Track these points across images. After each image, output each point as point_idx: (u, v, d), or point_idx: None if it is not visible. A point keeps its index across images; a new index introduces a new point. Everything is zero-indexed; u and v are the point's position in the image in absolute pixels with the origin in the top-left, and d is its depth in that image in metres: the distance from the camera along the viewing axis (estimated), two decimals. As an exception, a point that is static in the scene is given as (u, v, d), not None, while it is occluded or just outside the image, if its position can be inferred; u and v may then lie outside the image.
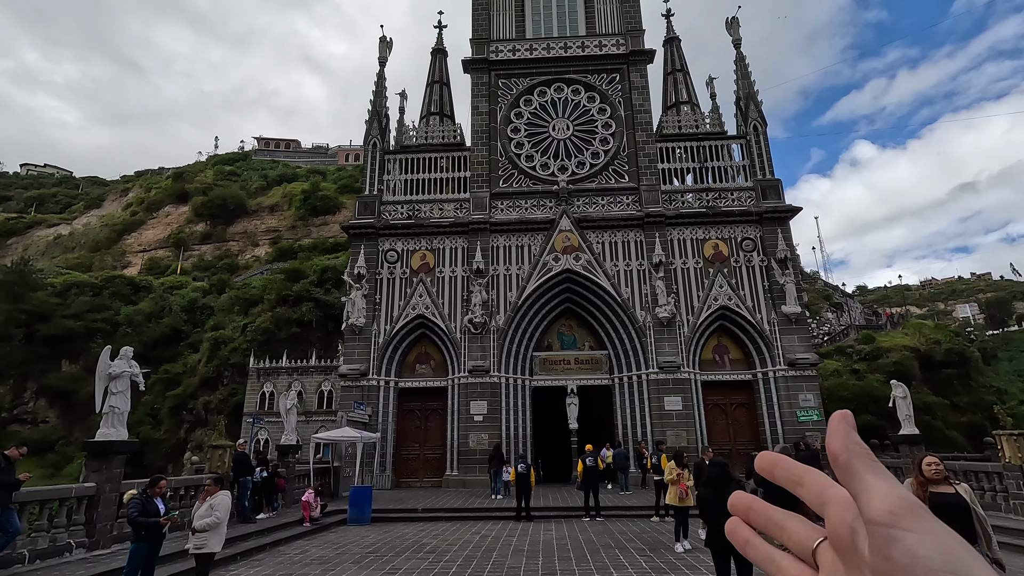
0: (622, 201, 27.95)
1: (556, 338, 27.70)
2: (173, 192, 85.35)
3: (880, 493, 0.49)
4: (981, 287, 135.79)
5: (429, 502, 19.35)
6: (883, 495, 0.49)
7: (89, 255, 76.78)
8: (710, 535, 5.79)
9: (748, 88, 28.72)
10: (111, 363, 11.64)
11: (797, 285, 25.76)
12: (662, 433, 24.17)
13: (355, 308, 26.55)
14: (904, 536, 0.46)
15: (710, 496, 5.70)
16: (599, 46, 30.42)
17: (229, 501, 8.94)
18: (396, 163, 29.56)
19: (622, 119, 29.17)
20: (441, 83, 33.63)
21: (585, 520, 16.26)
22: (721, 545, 5.67)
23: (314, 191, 77.23)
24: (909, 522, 0.47)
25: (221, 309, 55.83)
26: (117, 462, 11.72)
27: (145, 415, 46.04)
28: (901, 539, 0.46)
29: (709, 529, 5.82)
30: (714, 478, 5.66)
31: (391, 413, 26.06)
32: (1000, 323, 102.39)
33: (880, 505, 0.48)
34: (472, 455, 24.67)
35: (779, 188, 27.34)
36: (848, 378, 42.80)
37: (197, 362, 49.84)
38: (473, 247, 27.13)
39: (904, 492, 0.49)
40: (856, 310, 65.86)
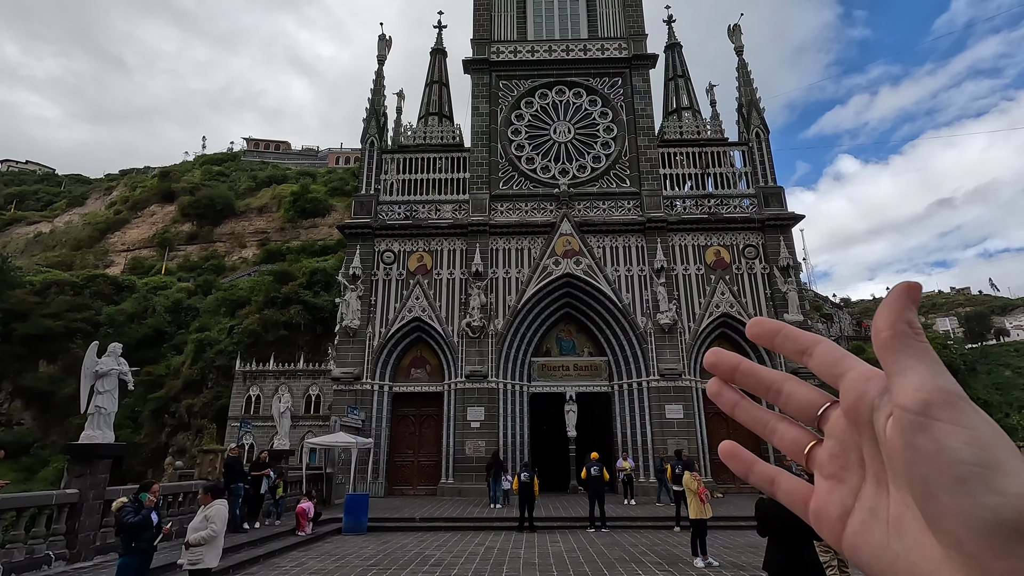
0: (623, 206, 27.62)
1: (555, 343, 27.18)
2: (159, 191, 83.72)
3: (917, 379, 0.45)
4: (961, 301, 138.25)
5: (426, 511, 18.66)
6: (920, 382, 0.44)
7: (70, 254, 74.89)
8: (776, 559, 5.20)
9: (751, 95, 28.63)
10: (98, 360, 10.89)
11: (799, 293, 25.57)
12: (663, 442, 23.73)
13: (349, 310, 25.83)
14: (933, 425, 0.43)
15: (779, 514, 5.13)
16: (601, 49, 30.19)
17: (226, 512, 8.25)
18: (393, 163, 28.97)
19: (624, 123, 28.90)
20: (440, 83, 33.17)
21: (591, 531, 15.69)
22: (785, 570, 5.12)
23: (304, 193, 76.17)
24: (944, 413, 0.43)
25: (207, 310, 54.59)
26: (102, 467, 10.95)
27: (125, 418, 44.56)
28: (930, 428, 0.43)
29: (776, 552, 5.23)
30: None
31: (385, 418, 25.31)
32: (979, 337, 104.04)
33: (914, 392, 0.44)
34: (468, 463, 23.99)
35: (781, 195, 27.21)
36: (840, 388, 42.89)
37: (181, 364, 48.58)
38: (472, 249, 26.59)
39: (946, 382, 0.44)
40: (845, 321, 66.31)
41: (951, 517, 0.41)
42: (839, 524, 0.50)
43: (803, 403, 0.55)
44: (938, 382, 0.45)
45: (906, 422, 0.44)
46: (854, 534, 0.49)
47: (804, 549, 5.20)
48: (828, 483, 0.52)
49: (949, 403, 0.44)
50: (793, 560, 5.13)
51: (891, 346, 0.47)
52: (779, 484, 0.57)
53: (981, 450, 0.41)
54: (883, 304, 0.49)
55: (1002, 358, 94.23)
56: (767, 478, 0.59)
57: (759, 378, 0.57)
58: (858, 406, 0.49)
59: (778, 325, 0.57)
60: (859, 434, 0.49)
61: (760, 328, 0.58)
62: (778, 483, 0.58)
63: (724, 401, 0.61)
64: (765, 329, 0.58)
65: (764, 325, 0.58)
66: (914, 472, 0.43)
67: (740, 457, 0.61)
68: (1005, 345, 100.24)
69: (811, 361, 0.53)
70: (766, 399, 0.58)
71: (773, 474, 0.59)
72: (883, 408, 0.47)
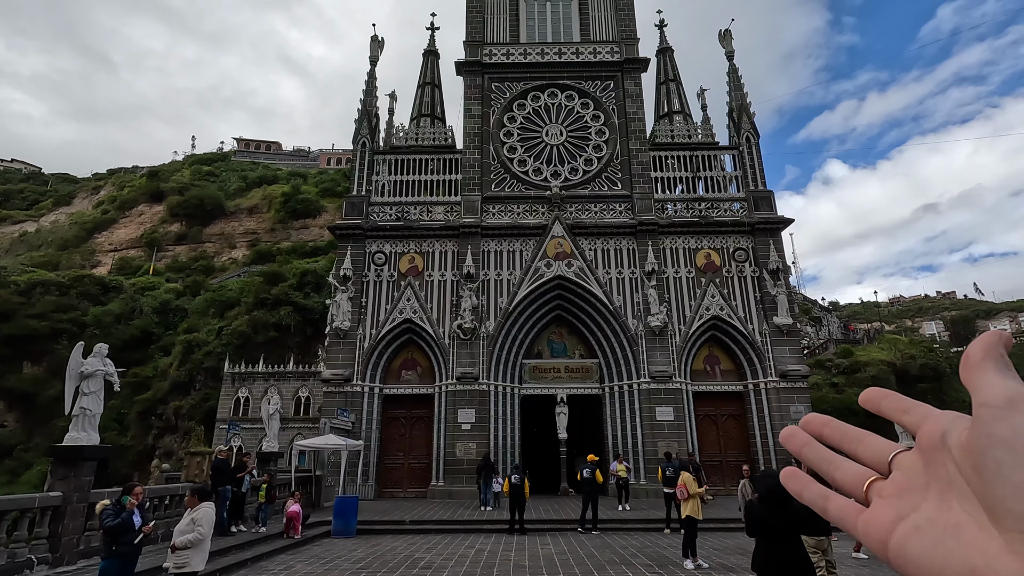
0: (615, 208, 27.71)
1: (546, 345, 27.18)
2: (147, 191, 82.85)
3: (1004, 384, 0.49)
4: (946, 305, 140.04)
5: (416, 513, 18.56)
6: (1006, 386, 0.48)
7: (56, 253, 73.88)
8: (765, 560, 5.19)
9: (741, 100, 28.85)
10: (83, 361, 10.74)
11: (789, 296, 25.75)
12: (653, 444, 23.78)
13: (340, 311, 25.68)
14: (1014, 416, 0.46)
15: (769, 516, 5.12)
16: (593, 53, 30.31)
17: (213, 515, 8.15)
18: (385, 164, 28.88)
19: (615, 126, 29.01)
20: (433, 85, 33.15)
21: (591, 533, 15.65)
22: (774, 571, 5.12)
23: (295, 194, 75.74)
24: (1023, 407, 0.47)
25: (195, 311, 54.06)
26: (87, 469, 10.78)
27: (111, 420, 43.98)
28: (1009, 418, 0.46)
29: (765, 552, 5.22)
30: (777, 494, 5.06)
31: (375, 420, 25.17)
32: (964, 340, 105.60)
33: (1000, 391, 0.48)
34: (459, 465, 23.90)
35: (771, 199, 27.41)
36: (828, 392, 43.16)
37: (168, 366, 48.08)
38: (463, 251, 26.54)
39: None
40: (834, 324, 66.90)
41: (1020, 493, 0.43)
42: (889, 528, 0.51)
43: (878, 448, 0.58)
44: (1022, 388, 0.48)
45: (988, 416, 0.47)
46: (905, 535, 0.50)
47: (793, 549, 5.21)
48: (886, 500, 0.54)
49: None
50: (782, 560, 5.14)
51: (981, 365, 0.51)
52: (832, 500, 0.60)
53: None
54: (975, 341, 0.54)
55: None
56: (821, 494, 0.62)
57: (844, 431, 0.62)
58: (931, 434, 0.52)
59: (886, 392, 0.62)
60: (927, 460, 0.52)
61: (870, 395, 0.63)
62: (831, 499, 0.60)
63: (796, 440, 0.64)
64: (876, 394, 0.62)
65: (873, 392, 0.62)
66: (988, 459, 0.46)
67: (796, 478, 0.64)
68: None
69: (907, 418, 0.57)
70: (847, 449, 0.62)
71: (827, 493, 0.62)
72: (957, 428, 0.50)
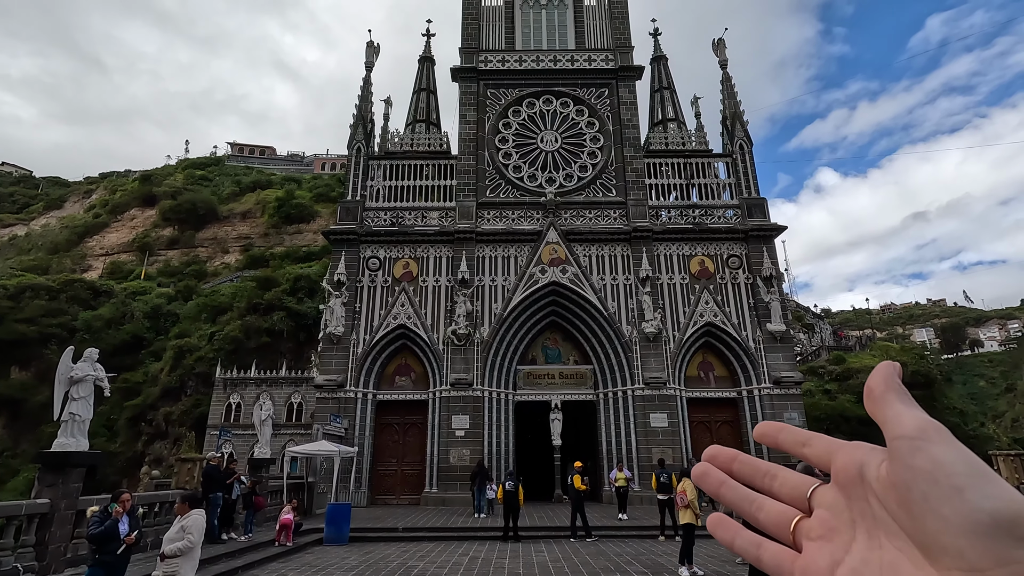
0: (609, 215, 27.79)
1: (541, 351, 27.14)
2: (140, 195, 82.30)
3: (912, 415, 0.50)
4: (936, 312, 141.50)
5: (410, 521, 18.42)
6: (915, 416, 0.50)
7: (47, 257, 73.17)
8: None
9: (735, 108, 29.08)
10: (73, 366, 10.60)
11: (782, 303, 25.87)
12: (647, 451, 23.76)
13: (334, 316, 25.55)
14: (929, 446, 0.47)
15: None
16: (588, 60, 30.48)
17: (204, 522, 8.02)
18: (380, 169, 28.85)
19: (610, 133, 29.15)
20: (428, 91, 33.21)
21: (584, 540, 15.56)
22: None
23: (289, 199, 75.45)
24: (937, 436, 0.48)
25: (187, 316, 53.63)
26: (75, 476, 10.61)
27: (100, 426, 43.45)
28: (926, 448, 0.47)
29: None
30: None
31: (368, 427, 25.01)
32: (954, 348, 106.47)
33: (910, 423, 0.50)
34: (453, 471, 23.76)
35: (764, 206, 27.58)
36: (820, 398, 43.35)
37: (159, 371, 47.59)
38: (458, 257, 26.51)
39: (935, 421, 0.50)
40: (827, 331, 67.27)
41: (952, 528, 0.43)
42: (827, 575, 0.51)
43: (795, 484, 0.59)
44: (930, 418, 0.50)
45: (904, 448, 0.48)
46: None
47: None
48: (817, 543, 0.54)
49: (941, 430, 0.49)
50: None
51: (885, 398, 0.53)
52: (765, 548, 0.59)
53: (972, 463, 0.47)
54: (873, 373, 0.55)
55: (976, 368, 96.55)
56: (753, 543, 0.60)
57: (755, 467, 0.62)
58: (847, 467, 0.53)
59: (781, 425, 0.63)
60: (848, 496, 0.52)
61: (766, 428, 0.64)
62: (764, 547, 0.59)
63: (710, 480, 0.63)
64: (770, 428, 0.63)
65: (770, 426, 0.64)
66: (914, 492, 0.46)
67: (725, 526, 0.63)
68: (979, 356, 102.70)
69: (809, 451, 0.58)
70: (761, 486, 0.62)
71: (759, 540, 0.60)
72: (873, 461, 0.51)
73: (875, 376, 0.55)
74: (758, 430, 0.64)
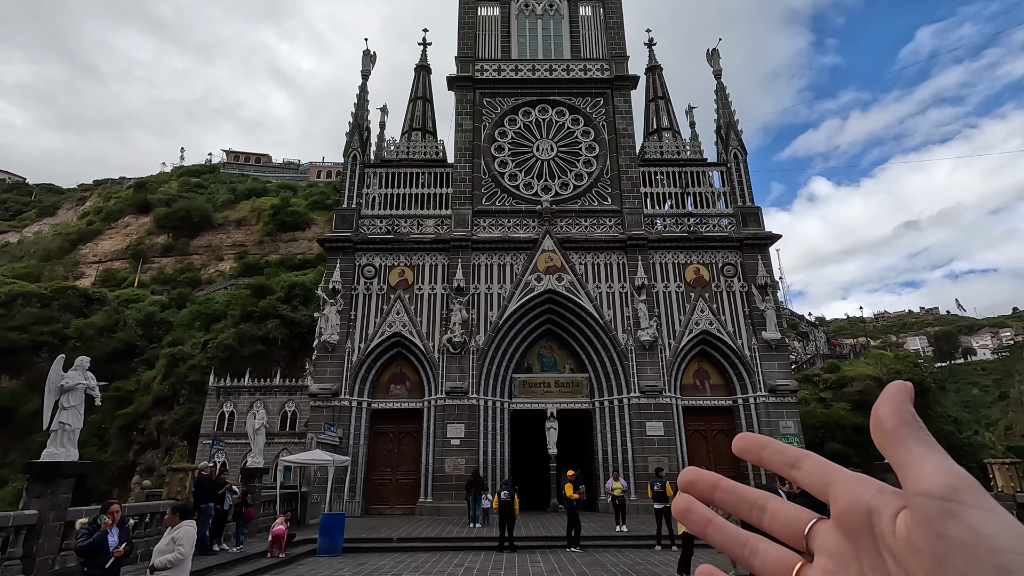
0: (605, 223, 27.85)
1: (536, 360, 27.07)
2: (134, 202, 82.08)
3: (935, 464, 0.42)
4: (929, 321, 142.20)
5: (404, 531, 18.24)
6: (939, 466, 0.42)
7: (39, 264, 72.71)
8: None
9: (729, 117, 29.29)
10: (64, 375, 10.47)
11: (777, 311, 25.93)
12: (644, 459, 23.67)
13: (328, 324, 25.42)
14: (965, 511, 0.39)
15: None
16: (584, 70, 30.67)
17: (195, 534, 7.90)
18: (376, 177, 28.86)
19: (606, 142, 29.28)
20: (424, 99, 33.33)
21: (574, 550, 15.45)
22: None
23: (284, 206, 75.43)
24: (971, 497, 0.40)
25: (180, 324, 53.35)
26: (64, 486, 10.45)
27: (91, 435, 43.02)
28: (961, 514, 0.39)
29: None
30: None
31: (363, 435, 24.82)
32: (947, 356, 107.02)
33: (937, 477, 0.41)
34: (448, 481, 23.59)
35: (759, 215, 27.72)
36: (816, 406, 43.37)
37: (152, 379, 47.24)
38: (454, 265, 26.48)
39: (962, 469, 0.43)
40: (821, 339, 67.48)
41: None
42: None
43: (788, 519, 0.51)
44: (956, 467, 0.42)
45: (932, 510, 0.40)
46: None
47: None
48: None
49: (975, 487, 0.41)
50: None
51: (898, 435, 0.45)
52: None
53: (1018, 536, 0.38)
54: (881, 398, 0.48)
55: (969, 376, 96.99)
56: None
57: (741, 496, 0.55)
58: (852, 510, 0.45)
59: (764, 440, 0.56)
60: (855, 544, 0.45)
61: (747, 442, 0.57)
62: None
63: (695, 519, 0.55)
64: (752, 443, 0.56)
65: (751, 439, 0.57)
66: (949, 568, 0.38)
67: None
68: (972, 364, 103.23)
69: (800, 474, 0.51)
70: (748, 518, 0.54)
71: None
72: (885, 508, 0.43)
73: (884, 405, 0.47)
74: (737, 443, 0.57)
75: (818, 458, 0.52)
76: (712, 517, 0.55)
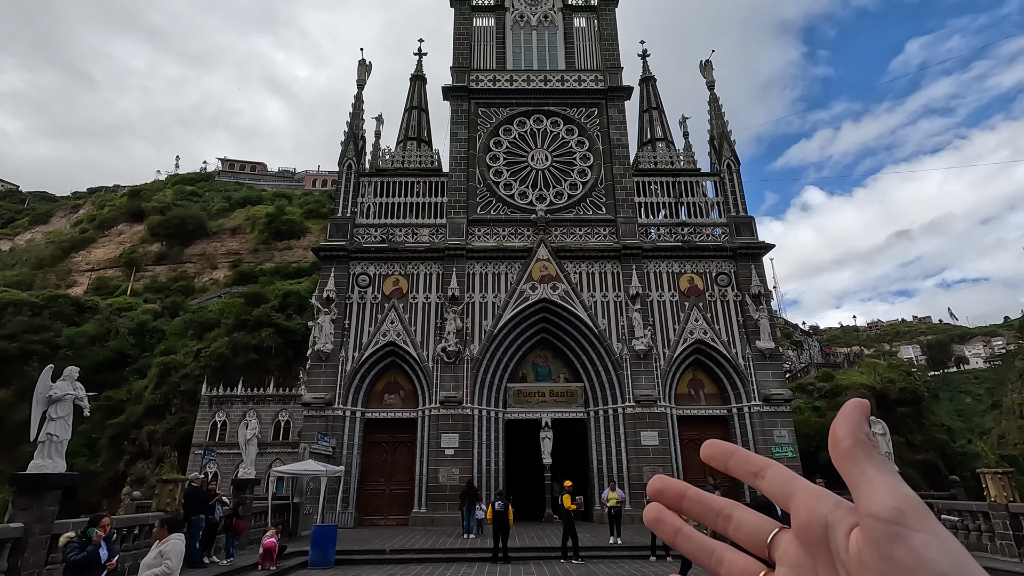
0: (599, 232, 27.94)
1: (531, 369, 27.02)
2: (128, 210, 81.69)
3: (886, 487, 0.45)
4: (922, 330, 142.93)
5: (397, 542, 18.07)
6: (889, 489, 0.44)
7: (31, 273, 72.14)
8: None
9: (722, 128, 29.52)
10: (52, 385, 10.37)
11: (771, 321, 26.01)
12: (638, 469, 23.60)
13: (322, 333, 25.32)
14: (910, 535, 0.42)
15: None
16: (578, 81, 30.89)
17: (183, 547, 7.82)
18: (371, 186, 28.88)
19: (600, 152, 29.44)
20: (420, 109, 33.47)
21: (575, 562, 15.32)
22: None
23: (279, 215, 75.25)
24: (916, 521, 0.43)
25: (173, 333, 52.91)
26: (51, 498, 10.31)
27: (81, 445, 42.50)
28: (907, 538, 0.42)
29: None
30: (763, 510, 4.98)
31: (356, 445, 24.66)
32: (940, 364, 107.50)
33: (885, 500, 0.44)
34: (442, 491, 23.43)
35: (752, 225, 27.88)
36: (810, 415, 43.35)
37: (143, 388, 46.75)
38: (448, 273, 26.47)
39: (910, 490, 0.45)
40: (815, 348, 67.68)
41: None
42: None
43: (752, 529, 0.53)
44: (905, 490, 0.44)
45: (880, 532, 0.42)
46: None
47: None
48: None
49: (921, 511, 0.43)
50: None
51: (853, 455, 0.47)
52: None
53: (958, 561, 0.41)
54: (839, 417, 0.50)
55: (962, 385, 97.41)
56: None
57: (707, 505, 0.56)
58: (810, 524, 0.47)
59: (731, 448, 0.57)
60: (813, 557, 0.47)
61: (714, 450, 0.58)
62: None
63: (665, 528, 0.57)
64: (719, 450, 0.58)
65: (718, 447, 0.58)
66: None
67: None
68: (965, 373, 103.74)
69: (763, 483, 0.53)
70: (715, 527, 0.57)
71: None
72: (840, 524, 0.46)
73: (841, 424, 0.49)
74: (705, 450, 0.58)
75: (781, 468, 0.53)
76: (681, 526, 0.57)
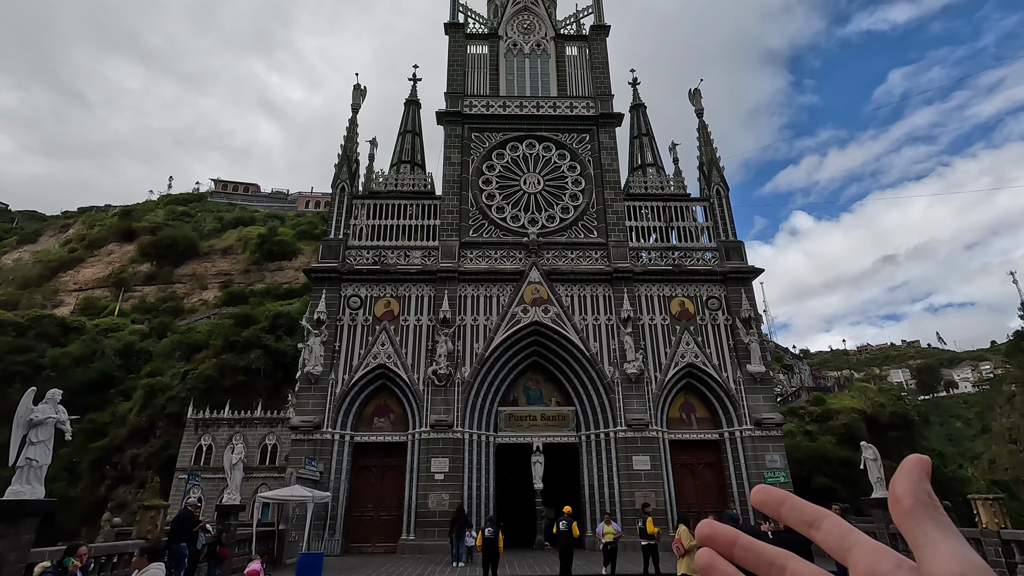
0: (591, 256, 28.12)
1: (522, 392, 26.86)
2: (119, 230, 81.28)
3: (950, 551, 0.44)
4: (911, 354, 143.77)
5: (384, 571, 17.66)
6: (953, 554, 0.44)
7: (17, 292, 71.20)
8: None
9: (711, 154, 30.05)
10: (34, 408, 10.18)
11: (761, 344, 26.13)
12: (630, 494, 23.35)
13: (312, 355, 25.09)
14: None
15: None
16: (570, 107, 31.44)
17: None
18: (364, 208, 29.00)
19: (591, 177, 29.82)
20: (413, 133, 33.85)
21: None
22: None
23: (271, 235, 75.15)
24: None
25: (160, 354, 52.27)
26: (28, 525, 10.03)
27: (61, 469, 41.49)
28: None
29: None
30: None
31: (344, 470, 24.25)
32: (930, 389, 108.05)
33: (950, 565, 0.43)
34: (431, 517, 23.02)
35: (741, 249, 28.19)
36: (802, 439, 43.27)
37: (128, 411, 45.92)
38: (440, 296, 26.45)
39: (975, 555, 0.44)
40: (806, 372, 67.87)
41: None
42: None
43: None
44: (972, 555, 0.44)
45: None
46: None
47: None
48: None
49: None
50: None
51: (915, 515, 0.46)
52: None
53: None
54: (899, 473, 0.49)
55: (952, 409, 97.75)
56: None
57: (759, 554, 0.55)
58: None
59: (783, 495, 0.56)
60: None
61: (765, 496, 0.57)
62: None
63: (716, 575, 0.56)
64: (771, 497, 0.57)
65: (769, 493, 0.57)
66: None
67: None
68: (954, 397, 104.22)
69: (818, 535, 0.52)
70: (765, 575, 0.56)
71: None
72: None
73: (901, 482, 0.49)
74: (756, 496, 0.58)
75: (837, 520, 0.52)
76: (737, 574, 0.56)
